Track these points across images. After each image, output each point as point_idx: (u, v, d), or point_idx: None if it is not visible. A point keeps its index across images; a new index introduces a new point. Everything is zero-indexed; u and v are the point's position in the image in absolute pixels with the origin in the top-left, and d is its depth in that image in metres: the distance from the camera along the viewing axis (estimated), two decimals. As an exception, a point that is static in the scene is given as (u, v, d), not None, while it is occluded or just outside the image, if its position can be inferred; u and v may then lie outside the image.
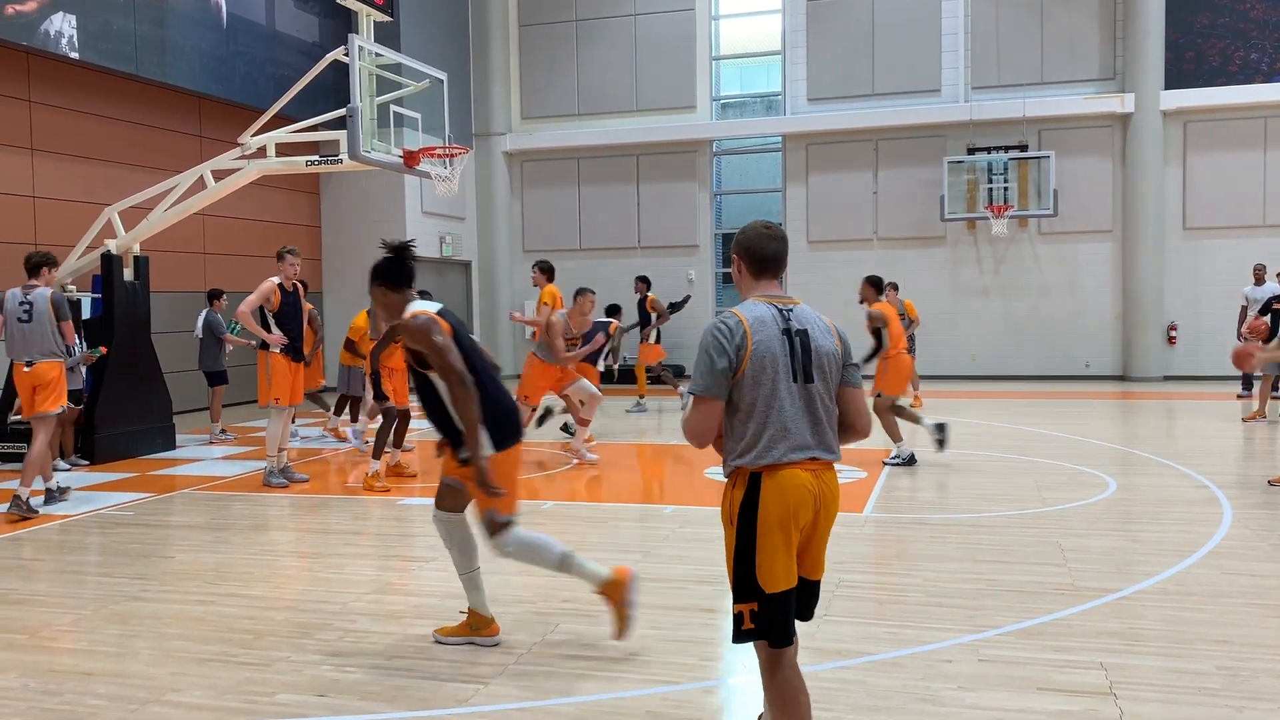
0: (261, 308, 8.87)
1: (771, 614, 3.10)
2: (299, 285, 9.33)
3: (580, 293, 10.14)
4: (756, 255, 3.28)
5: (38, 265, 8.23)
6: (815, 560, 3.29)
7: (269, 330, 8.91)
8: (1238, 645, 4.54)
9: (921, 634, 4.76)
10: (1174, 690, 4.05)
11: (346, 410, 11.96)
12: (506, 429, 4.58)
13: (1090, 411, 13.89)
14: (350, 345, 11.29)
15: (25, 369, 8.05)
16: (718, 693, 4.20)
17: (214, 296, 12.40)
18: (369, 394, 11.70)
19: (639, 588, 4.64)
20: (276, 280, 9.03)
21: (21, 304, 8.09)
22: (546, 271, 11.16)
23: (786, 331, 3.15)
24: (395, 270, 4.66)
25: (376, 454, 9.00)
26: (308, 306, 9.78)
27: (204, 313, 12.31)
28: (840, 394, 3.27)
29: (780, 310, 3.20)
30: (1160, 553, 6.18)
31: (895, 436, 9.61)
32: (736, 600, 3.14)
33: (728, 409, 3.16)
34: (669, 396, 15.64)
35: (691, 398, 3.16)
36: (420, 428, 11.70)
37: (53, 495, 8.31)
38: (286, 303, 8.97)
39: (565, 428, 11.44)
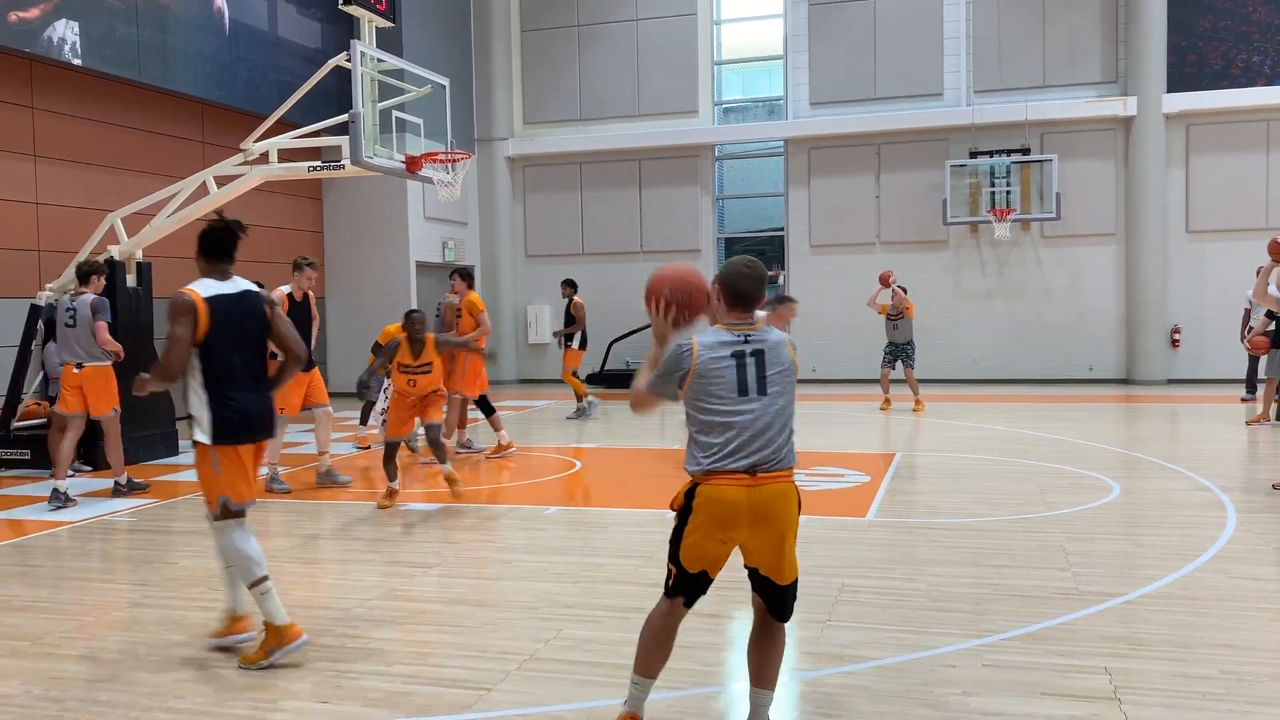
0: None
1: (684, 584, 3.58)
2: (309, 295, 9.37)
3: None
4: (734, 291, 3.61)
5: (87, 274, 8.90)
6: (771, 566, 3.56)
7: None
8: (1242, 650, 4.53)
9: (925, 639, 4.75)
10: (1179, 695, 4.03)
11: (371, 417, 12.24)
12: (232, 427, 4.62)
13: (1093, 415, 13.87)
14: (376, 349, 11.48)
15: (75, 370, 8.71)
16: (721, 698, 4.19)
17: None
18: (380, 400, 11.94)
19: (296, 654, 4.59)
20: (287, 289, 9.12)
21: (67, 309, 8.77)
22: (467, 278, 11.34)
23: (739, 354, 3.52)
24: (205, 242, 4.90)
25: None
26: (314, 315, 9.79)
27: None
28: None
29: (739, 336, 3.56)
30: (1164, 557, 6.17)
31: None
32: (670, 561, 3.62)
33: (687, 419, 3.58)
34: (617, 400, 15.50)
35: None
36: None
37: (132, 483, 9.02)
38: (294, 313, 8.96)
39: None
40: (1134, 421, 13.43)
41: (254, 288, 4.97)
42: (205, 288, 4.71)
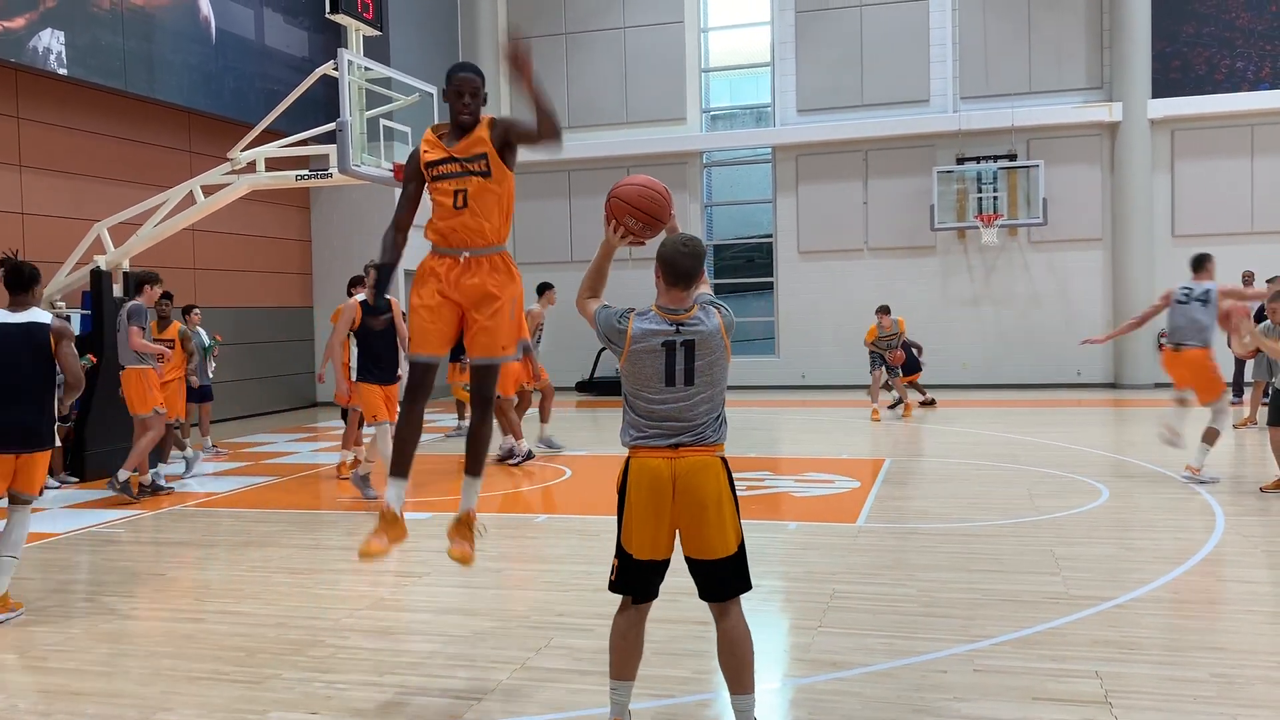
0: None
1: (630, 574, 3.63)
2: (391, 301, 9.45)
3: None
4: (671, 269, 3.68)
5: (140, 283, 9.33)
6: (697, 541, 3.58)
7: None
8: (1232, 652, 4.54)
9: (916, 644, 4.75)
10: (1169, 698, 4.04)
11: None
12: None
13: (1082, 419, 13.91)
14: None
15: (120, 373, 9.26)
16: (713, 705, 4.18)
17: (186, 311, 12.27)
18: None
19: None
20: (360, 297, 9.14)
21: (118, 317, 9.40)
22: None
23: (669, 344, 3.59)
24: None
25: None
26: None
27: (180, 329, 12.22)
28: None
29: (672, 325, 3.62)
30: (1154, 560, 6.19)
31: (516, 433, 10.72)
32: (616, 553, 3.67)
33: (622, 387, 3.70)
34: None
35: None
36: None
37: (143, 488, 9.25)
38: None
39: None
40: (1122, 425, 13.48)
41: (44, 319, 5.76)
42: None
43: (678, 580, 5.90)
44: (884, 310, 14.48)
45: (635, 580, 3.64)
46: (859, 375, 16.82)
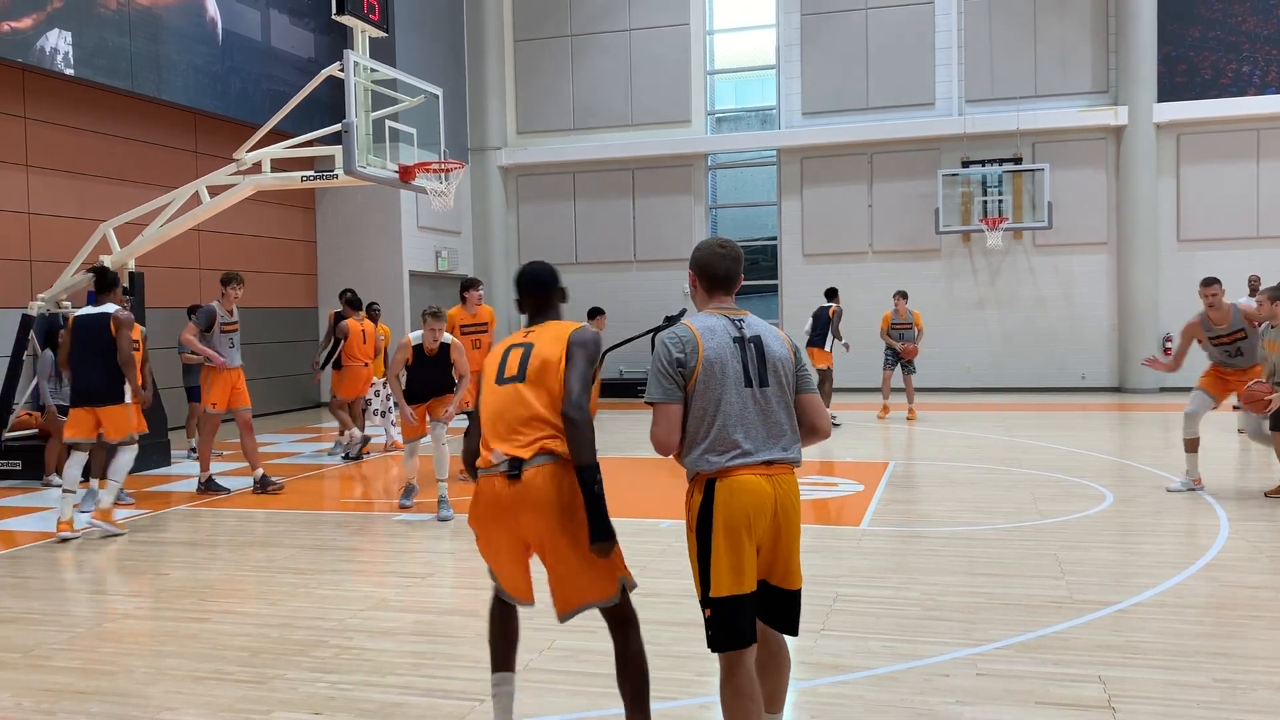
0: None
1: (722, 619, 3.18)
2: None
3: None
4: (710, 273, 3.40)
5: (224, 283, 9.68)
6: (785, 569, 3.30)
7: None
8: (1236, 658, 4.53)
9: (919, 648, 4.74)
10: (1172, 703, 4.03)
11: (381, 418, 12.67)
12: None
13: (1086, 423, 13.89)
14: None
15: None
16: (715, 709, 4.18)
17: (192, 312, 12.28)
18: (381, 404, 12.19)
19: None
20: (417, 338, 8.37)
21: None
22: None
23: (739, 340, 3.27)
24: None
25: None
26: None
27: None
28: (799, 400, 3.37)
29: (732, 320, 3.32)
30: (1157, 565, 6.18)
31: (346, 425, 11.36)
32: (703, 605, 3.23)
33: (686, 416, 3.25)
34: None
35: (653, 407, 3.27)
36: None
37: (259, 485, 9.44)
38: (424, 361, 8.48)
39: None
40: (1126, 430, 13.45)
41: (111, 310, 7.78)
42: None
43: (680, 582, 5.91)
44: (901, 295, 14.52)
45: (735, 623, 3.18)
46: (864, 378, 16.83)
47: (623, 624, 3.58)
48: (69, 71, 12.57)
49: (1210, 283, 8.52)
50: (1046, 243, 18.50)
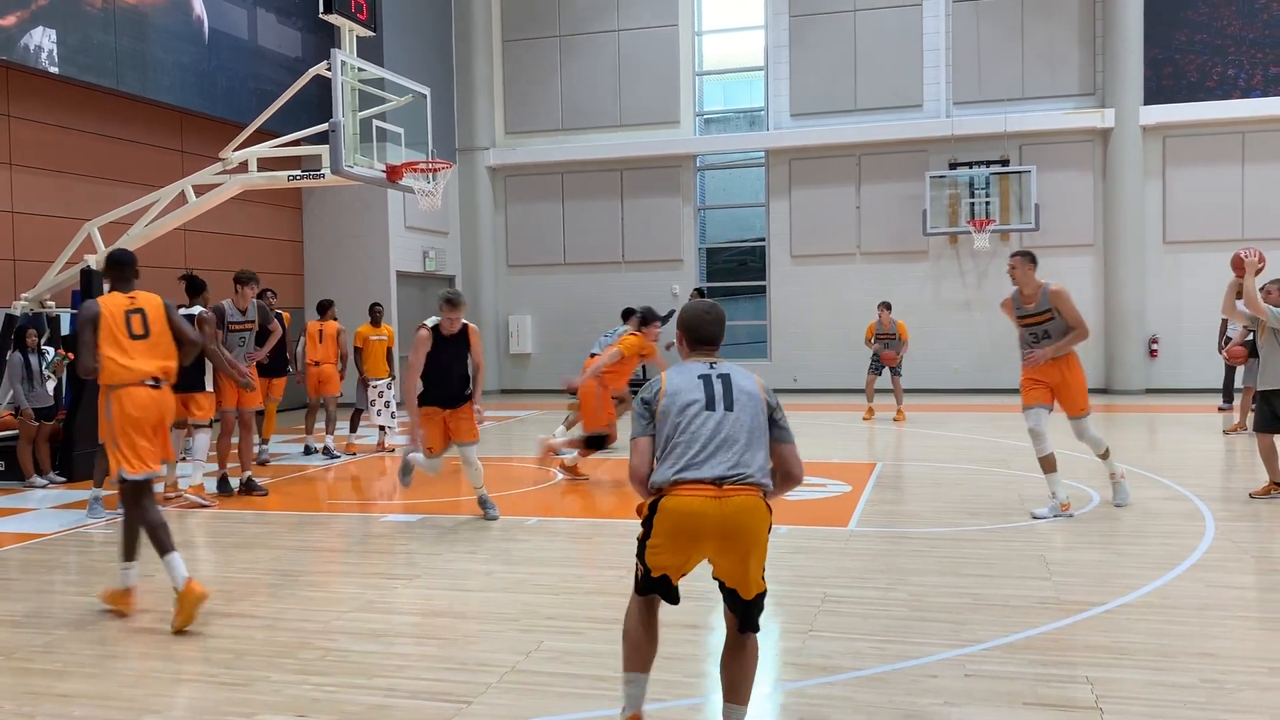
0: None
1: (650, 581, 3.60)
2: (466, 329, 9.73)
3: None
4: (695, 336, 3.74)
5: (239, 281, 9.74)
6: (737, 579, 3.54)
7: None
8: (1222, 658, 4.54)
9: (907, 649, 4.74)
10: (1159, 704, 4.04)
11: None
12: None
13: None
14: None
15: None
16: (704, 710, 4.17)
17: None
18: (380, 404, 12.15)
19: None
20: (432, 322, 8.01)
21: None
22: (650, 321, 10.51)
23: (706, 376, 3.60)
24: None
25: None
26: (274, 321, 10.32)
27: None
28: (775, 451, 3.67)
29: (706, 362, 3.68)
30: (1144, 566, 6.19)
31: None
32: (638, 558, 3.62)
33: (658, 449, 3.59)
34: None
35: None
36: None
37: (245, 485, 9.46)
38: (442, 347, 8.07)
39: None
40: (1113, 431, 13.49)
41: (196, 311, 8.88)
42: None
43: (668, 584, 5.82)
44: (885, 306, 14.61)
45: (654, 587, 3.62)
46: (851, 379, 16.86)
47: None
48: (53, 69, 12.48)
49: (1015, 254, 7.89)
50: (1033, 244, 18.45)
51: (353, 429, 12.55)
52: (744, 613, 3.59)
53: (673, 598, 3.64)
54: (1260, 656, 4.61)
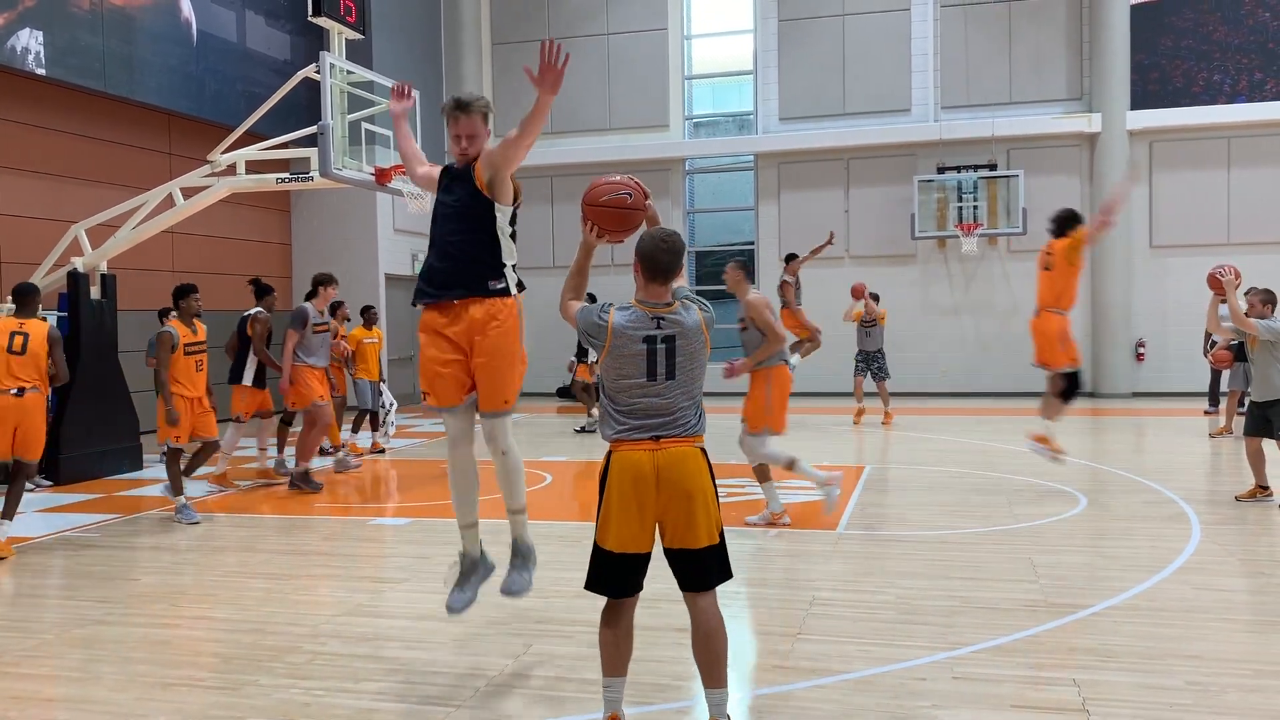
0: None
1: (605, 570, 3.67)
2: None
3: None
4: (649, 265, 3.75)
5: (321, 283, 10.11)
6: (684, 529, 3.62)
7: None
8: (1208, 660, 4.57)
9: (895, 652, 4.75)
10: (1146, 706, 4.06)
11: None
12: None
13: (1060, 428, 13.92)
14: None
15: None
16: (691, 713, 4.17)
17: (164, 314, 12.18)
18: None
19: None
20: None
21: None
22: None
23: (650, 338, 3.66)
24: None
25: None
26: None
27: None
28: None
29: (652, 316, 3.69)
30: (1131, 569, 6.22)
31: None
32: (593, 548, 3.72)
33: (601, 385, 3.77)
34: None
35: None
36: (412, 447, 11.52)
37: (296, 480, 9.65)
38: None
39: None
40: (1099, 434, 13.56)
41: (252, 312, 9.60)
42: None
43: (656, 586, 5.91)
44: (874, 297, 14.69)
45: (612, 577, 3.68)
46: (840, 382, 16.87)
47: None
48: (40, 71, 12.42)
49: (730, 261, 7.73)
50: (1021, 248, 18.61)
51: (355, 429, 12.34)
52: (696, 566, 3.63)
53: (629, 586, 3.68)
54: (1246, 659, 4.63)
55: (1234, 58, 17.78)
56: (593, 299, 14.41)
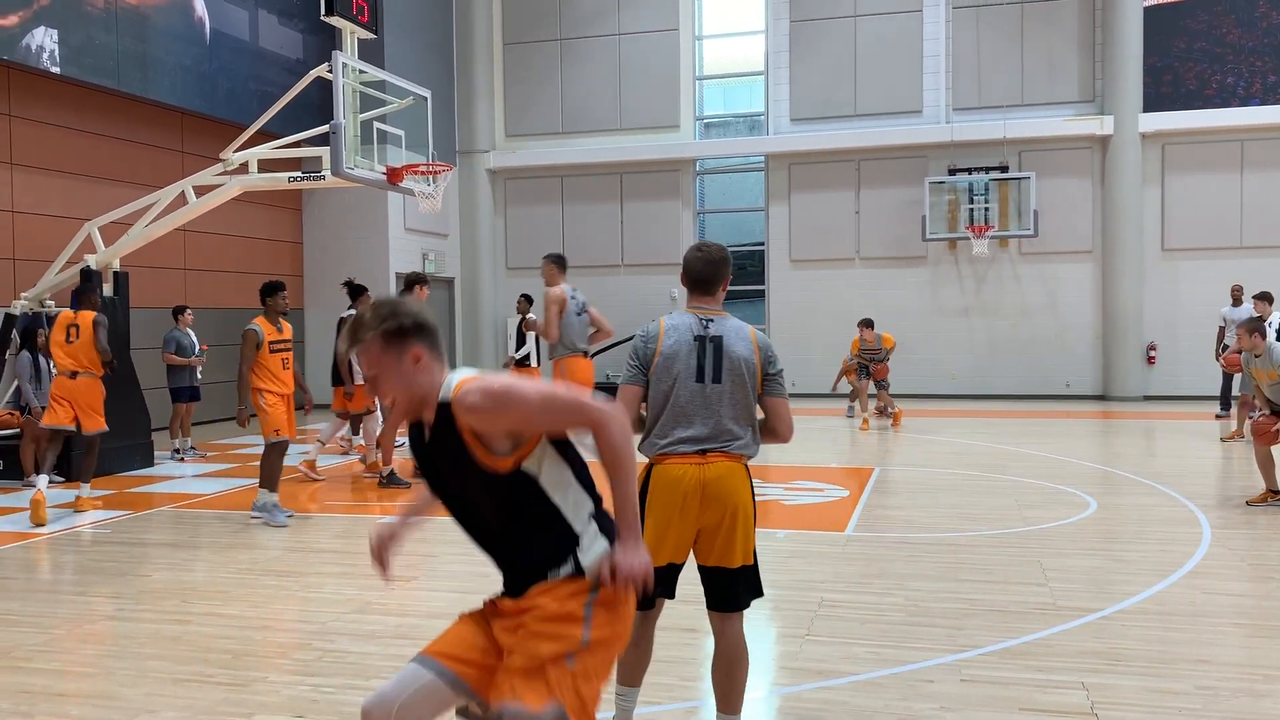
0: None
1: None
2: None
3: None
4: (689, 274, 3.75)
5: (415, 283, 9.74)
6: (722, 548, 3.55)
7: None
8: (1217, 665, 4.56)
9: (903, 654, 4.75)
10: (1155, 710, 4.05)
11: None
12: None
13: (1070, 431, 13.94)
14: None
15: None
16: (699, 714, 4.18)
17: (178, 312, 12.28)
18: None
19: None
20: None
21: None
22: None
23: (700, 338, 3.61)
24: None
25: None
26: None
27: (172, 330, 12.19)
28: (764, 404, 3.68)
29: (700, 319, 3.65)
30: (1141, 572, 6.20)
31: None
32: None
33: (646, 402, 3.65)
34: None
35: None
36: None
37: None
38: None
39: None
40: (1110, 437, 13.51)
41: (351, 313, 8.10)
42: None
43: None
44: (866, 324, 14.52)
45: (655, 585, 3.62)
46: (848, 384, 16.83)
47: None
48: (55, 70, 12.49)
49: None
50: (1032, 251, 18.58)
51: (354, 429, 12.40)
52: (730, 586, 3.57)
53: (664, 589, 3.55)
54: (1255, 664, 4.62)
55: (1248, 60, 17.70)
56: (528, 300, 13.88)
